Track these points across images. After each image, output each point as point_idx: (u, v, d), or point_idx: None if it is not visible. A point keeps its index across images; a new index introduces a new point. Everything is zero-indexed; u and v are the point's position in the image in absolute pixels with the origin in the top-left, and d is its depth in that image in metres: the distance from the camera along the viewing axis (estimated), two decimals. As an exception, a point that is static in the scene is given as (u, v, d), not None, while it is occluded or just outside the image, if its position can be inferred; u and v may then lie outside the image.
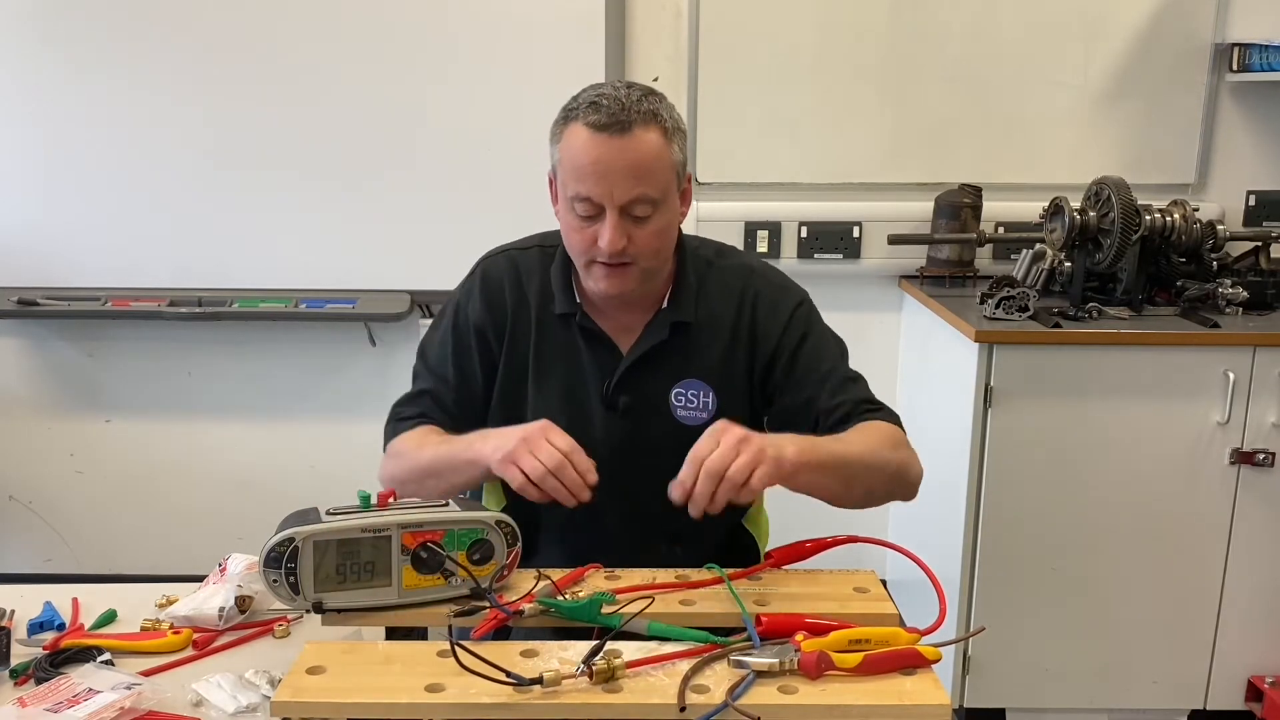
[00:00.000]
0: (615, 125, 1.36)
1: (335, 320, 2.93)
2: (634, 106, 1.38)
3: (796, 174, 2.91)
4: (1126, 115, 2.86)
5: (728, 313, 1.53)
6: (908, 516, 3.01)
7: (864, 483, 1.37)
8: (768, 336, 1.52)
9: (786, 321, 1.53)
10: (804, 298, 1.57)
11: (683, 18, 2.86)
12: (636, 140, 1.37)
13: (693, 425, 1.49)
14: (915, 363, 2.93)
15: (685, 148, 1.45)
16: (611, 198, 1.38)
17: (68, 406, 3.14)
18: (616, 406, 1.51)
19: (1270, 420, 2.37)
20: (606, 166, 1.37)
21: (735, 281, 1.55)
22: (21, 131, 2.85)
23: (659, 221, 1.42)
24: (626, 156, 1.37)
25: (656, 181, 1.39)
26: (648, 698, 1.02)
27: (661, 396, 1.51)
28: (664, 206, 1.42)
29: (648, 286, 1.49)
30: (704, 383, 1.51)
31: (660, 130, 1.39)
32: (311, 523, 1.21)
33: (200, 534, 3.09)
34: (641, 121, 1.37)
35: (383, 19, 2.75)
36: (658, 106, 1.40)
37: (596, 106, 1.38)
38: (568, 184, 1.41)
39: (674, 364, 1.51)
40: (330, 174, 2.82)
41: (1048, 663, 2.50)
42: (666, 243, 1.47)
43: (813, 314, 1.57)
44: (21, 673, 1.26)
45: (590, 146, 1.37)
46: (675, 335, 1.51)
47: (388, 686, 1.04)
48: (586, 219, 1.41)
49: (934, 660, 1.06)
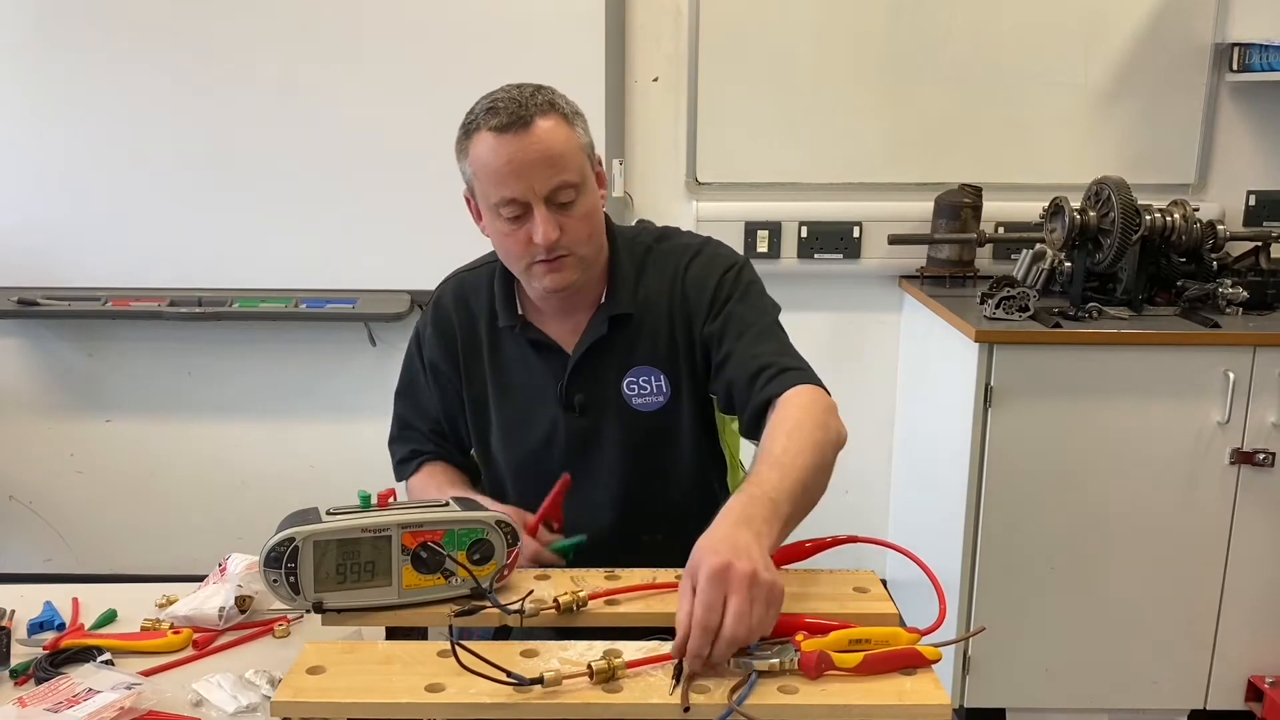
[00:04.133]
0: (517, 122, 1.38)
1: (335, 320, 2.93)
2: (529, 100, 1.40)
3: (796, 174, 2.91)
4: (1126, 115, 2.86)
5: (664, 294, 1.53)
6: (908, 516, 3.01)
7: (819, 482, 1.30)
8: (699, 308, 1.52)
9: (714, 289, 1.52)
10: (735, 263, 1.56)
11: (683, 18, 2.86)
12: (541, 130, 1.38)
13: (651, 411, 1.52)
14: (915, 363, 2.93)
15: (588, 131, 1.47)
16: (534, 191, 1.39)
17: (68, 406, 3.14)
18: (574, 407, 1.53)
19: (1270, 420, 2.37)
20: (520, 163, 1.38)
21: (671, 262, 1.55)
22: (22, 131, 2.85)
23: (584, 205, 1.44)
24: (537, 148, 1.38)
25: (571, 166, 1.41)
26: (647, 698, 1.02)
27: (614, 389, 1.53)
28: (585, 190, 1.44)
29: (587, 276, 1.49)
30: (653, 368, 1.53)
31: (560, 116, 1.41)
32: (311, 523, 1.20)
33: (200, 534, 3.10)
34: (540, 112, 1.39)
35: (383, 19, 2.74)
36: (552, 96, 1.43)
37: (494, 110, 1.39)
38: (488, 192, 1.42)
39: (620, 355, 1.53)
40: (330, 174, 2.82)
41: (1048, 663, 2.50)
42: (596, 226, 1.48)
43: (741, 278, 1.54)
44: (21, 673, 1.26)
45: (500, 148, 1.38)
46: (616, 328, 1.52)
47: (388, 686, 1.04)
48: (514, 220, 1.42)
49: (934, 660, 1.06)
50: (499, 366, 1.57)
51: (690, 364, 1.53)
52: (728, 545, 1.07)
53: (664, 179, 2.95)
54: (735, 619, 1.03)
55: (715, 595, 1.03)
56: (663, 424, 1.53)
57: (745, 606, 1.03)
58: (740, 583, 1.04)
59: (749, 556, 1.06)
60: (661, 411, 1.52)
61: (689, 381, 1.53)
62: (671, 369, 1.53)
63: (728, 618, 1.03)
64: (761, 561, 1.07)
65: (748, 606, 1.04)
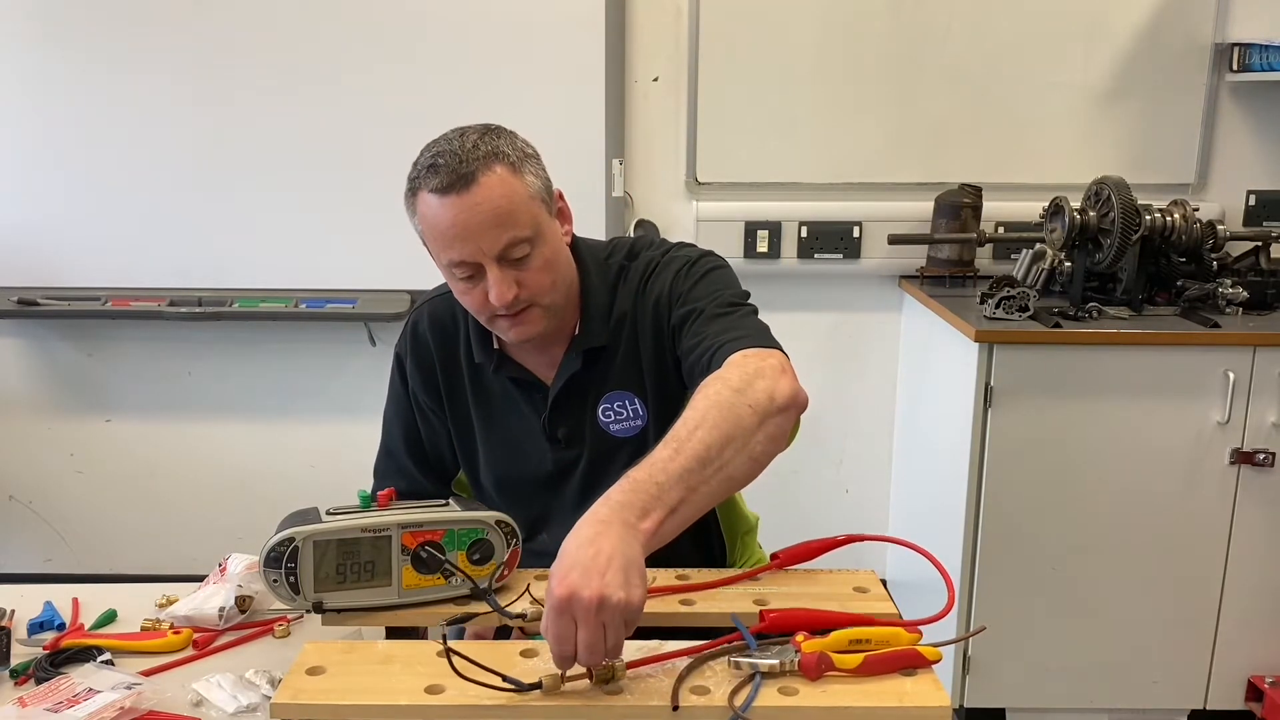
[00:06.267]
0: (459, 181, 1.30)
1: (335, 320, 2.93)
2: (471, 154, 1.32)
3: (796, 174, 2.91)
4: (1126, 115, 2.86)
5: (631, 315, 1.49)
6: (908, 515, 3.01)
7: (734, 453, 1.17)
8: (663, 318, 1.46)
9: (669, 292, 1.46)
10: (690, 258, 1.49)
11: (683, 18, 2.86)
12: (484, 188, 1.31)
13: (630, 436, 1.49)
14: (915, 363, 2.93)
15: (541, 170, 1.39)
16: (483, 253, 1.33)
17: (68, 406, 3.14)
18: (559, 439, 1.51)
19: (1270, 420, 2.37)
20: (465, 225, 1.31)
21: (635, 279, 1.49)
22: (22, 131, 2.85)
23: (541, 255, 1.37)
24: (482, 208, 1.31)
25: (521, 220, 1.33)
26: (648, 699, 1.02)
27: (593, 418, 1.50)
28: (541, 239, 1.36)
29: (556, 321, 1.44)
30: (627, 392, 1.49)
31: (506, 167, 1.33)
32: (311, 523, 1.21)
33: (200, 534, 3.10)
34: (484, 166, 1.31)
35: (383, 19, 2.74)
36: (497, 143, 1.34)
37: (435, 169, 1.32)
38: (438, 254, 1.37)
39: (596, 385, 1.49)
40: (330, 174, 2.82)
41: (1048, 663, 2.50)
42: (559, 273, 1.41)
43: (695, 270, 1.47)
44: (21, 673, 1.26)
45: (443, 211, 1.32)
46: (590, 361, 1.48)
47: (387, 687, 1.04)
48: (469, 280, 1.37)
49: (934, 660, 1.06)
50: (482, 398, 1.54)
51: (666, 379, 1.48)
52: (579, 564, 1.00)
53: (664, 179, 2.95)
54: (587, 651, 0.99)
55: (564, 627, 0.99)
56: (641, 447, 1.46)
57: (595, 636, 0.99)
58: (587, 613, 0.98)
59: (600, 575, 0.99)
60: (640, 436, 1.48)
61: (668, 398, 1.47)
62: (647, 390, 1.49)
63: (580, 650, 0.99)
64: (618, 577, 1.00)
65: (598, 635, 0.99)
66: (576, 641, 0.99)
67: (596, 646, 0.99)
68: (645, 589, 1.03)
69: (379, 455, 1.65)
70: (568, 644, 0.99)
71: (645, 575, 1.04)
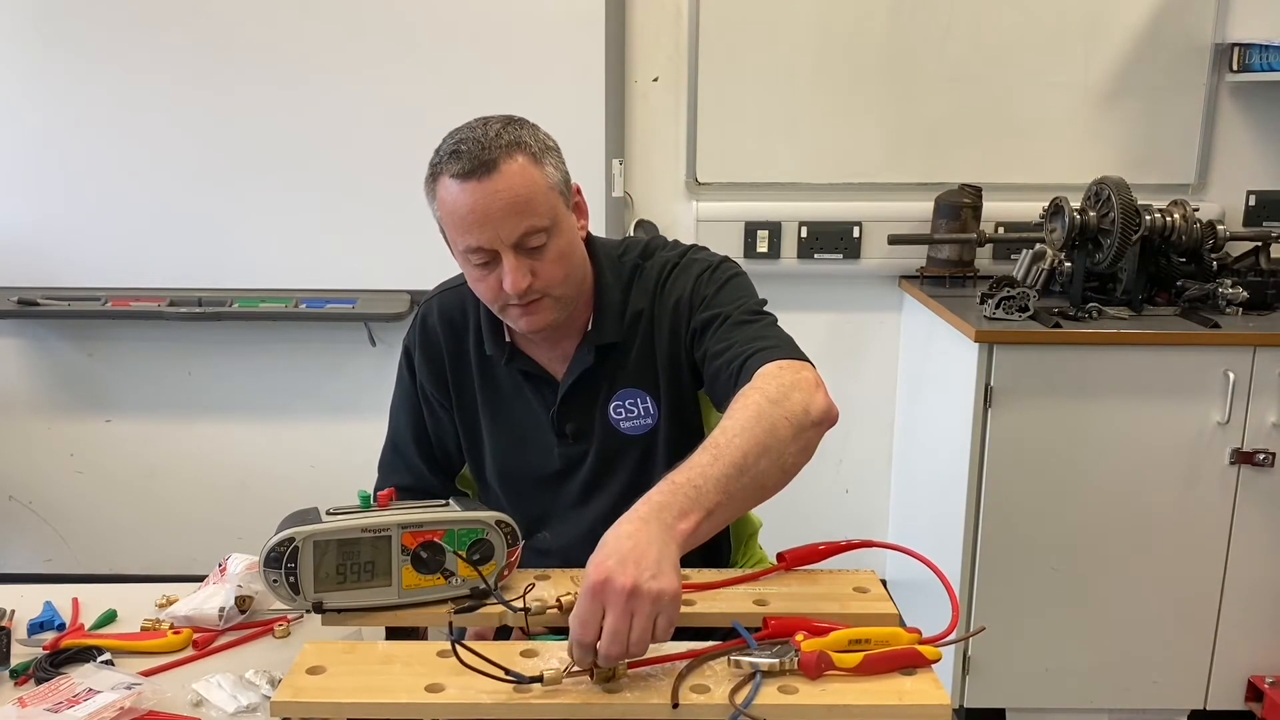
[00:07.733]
0: (481, 167, 1.32)
1: (335, 320, 2.93)
2: (494, 142, 1.33)
3: (796, 174, 2.91)
4: (1126, 115, 2.86)
5: (647, 314, 1.49)
6: (908, 516, 3.01)
7: (769, 462, 1.19)
8: (681, 320, 1.47)
9: (691, 295, 1.47)
10: (711, 263, 1.50)
11: (683, 18, 2.86)
12: (506, 175, 1.32)
13: (640, 434, 1.49)
14: (915, 363, 2.93)
15: (561, 163, 1.40)
16: (500, 240, 1.34)
17: (68, 406, 3.14)
18: (566, 434, 1.52)
19: (1270, 420, 2.37)
20: (485, 211, 1.33)
21: (652, 279, 1.51)
22: (22, 131, 2.85)
23: (557, 247, 1.38)
24: (502, 195, 1.32)
25: (540, 209, 1.35)
26: (647, 698, 1.02)
27: (603, 415, 1.50)
28: (557, 230, 1.38)
29: (567, 313, 1.45)
30: (639, 390, 1.49)
31: (528, 157, 1.34)
32: (311, 523, 1.21)
33: (200, 534, 3.10)
34: (506, 154, 1.33)
35: (383, 19, 2.75)
36: (519, 134, 1.36)
37: (458, 155, 1.33)
38: (455, 240, 1.38)
39: (608, 381, 1.50)
40: (330, 174, 2.82)
41: (1048, 663, 2.50)
42: (572, 266, 1.42)
43: (717, 275, 1.48)
44: (21, 673, 1.26)
45: (463, 196, 1.33)
46: (603, 357, 1.48)
47: (388, 686, 1.04)
48: (484, 267, 1.38)
49: (934, 660, 1.06)
50: (490, 391, 1.55)
51: (680, 380, 1.49)
52: (617, 553, 1.02)
53: (664, 179, 2.95)
54: (610, 639, 1.00)
55: (591, 611, 1.00)
56: (652, 445, 1.50)
57: (621, 625, 0.99)
58: (617, 598, 0.99)
59: (635, 565, 1.01)
60: (651, 433, 1.49)
61: (680, 398, 1.49)
62: (660, 389, 1.49)
63: (603, 636, 1.00)
64: (652, 568, 1.01)
65: (624, 624, 0.99)
66: (601, 629, 1.00)
67: (620, 634, 0.99)
68: (679, 584, 1.04)
69: (384, 449, 1.65)
70: (590, 630, 1.00)
71: (679, 572, 1.05)
